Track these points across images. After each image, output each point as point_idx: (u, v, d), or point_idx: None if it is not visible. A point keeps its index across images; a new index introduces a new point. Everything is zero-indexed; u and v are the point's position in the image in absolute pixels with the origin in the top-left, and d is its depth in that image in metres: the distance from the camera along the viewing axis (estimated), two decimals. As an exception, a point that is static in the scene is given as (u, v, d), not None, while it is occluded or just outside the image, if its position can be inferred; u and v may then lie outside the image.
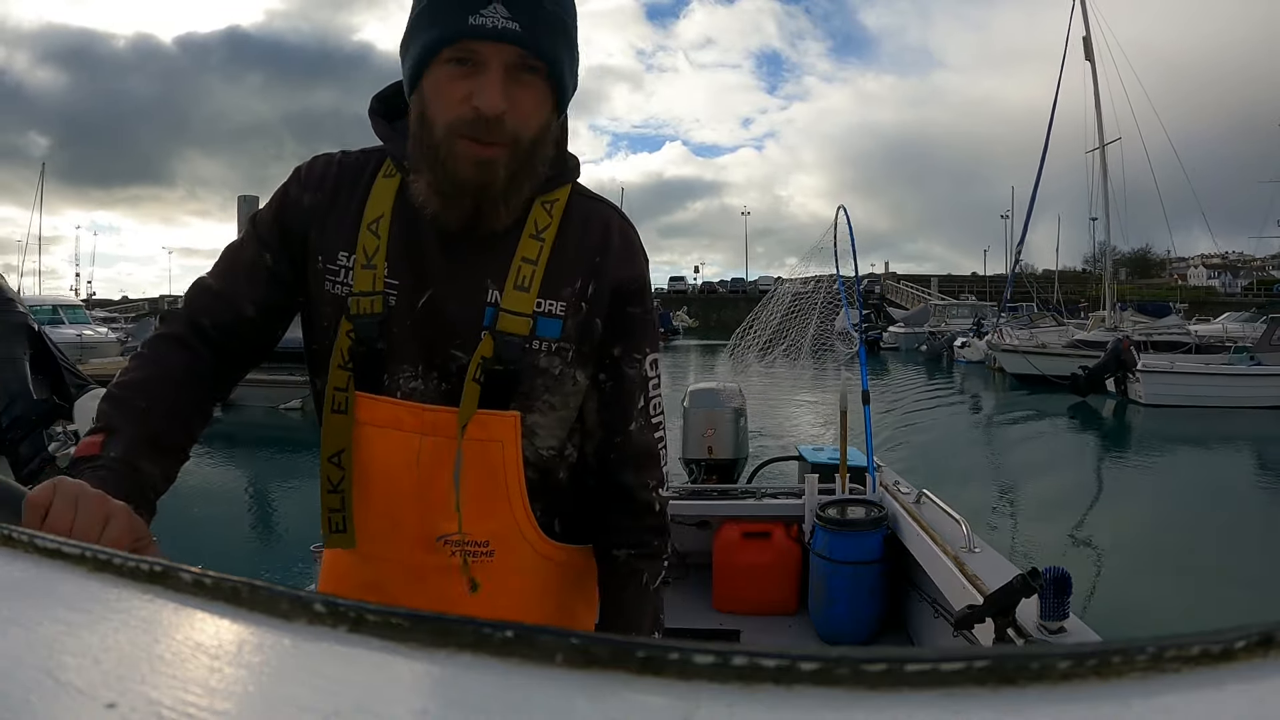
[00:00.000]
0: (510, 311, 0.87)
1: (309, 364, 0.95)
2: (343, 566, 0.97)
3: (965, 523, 2.33)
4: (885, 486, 2.97)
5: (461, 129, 0.81)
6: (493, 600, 0.89)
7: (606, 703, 0.21)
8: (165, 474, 0.81)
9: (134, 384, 0.85)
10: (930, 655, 0.21)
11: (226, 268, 0.93)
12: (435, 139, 0.82)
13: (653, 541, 0.96)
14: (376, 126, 0.92)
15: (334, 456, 0.89)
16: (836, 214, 3.55)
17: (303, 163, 0.96)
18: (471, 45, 0.79)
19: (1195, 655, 0.21)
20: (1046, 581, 1.62)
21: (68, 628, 0.26)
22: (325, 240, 0.90)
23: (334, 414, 0.89)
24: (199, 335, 0.90)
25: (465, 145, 0.81)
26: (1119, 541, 5.91)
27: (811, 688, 0.21)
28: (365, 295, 0.87)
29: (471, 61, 0.80)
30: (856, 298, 3.79)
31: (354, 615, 0.25)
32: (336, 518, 0.91)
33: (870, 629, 2.75)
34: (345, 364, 0.88)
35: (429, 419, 0.87)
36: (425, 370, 0.88)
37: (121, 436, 0.78)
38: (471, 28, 0.78)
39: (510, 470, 0.89)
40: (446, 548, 0.89)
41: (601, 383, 0.94)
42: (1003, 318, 20.01)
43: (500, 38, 0.78)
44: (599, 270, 0.91)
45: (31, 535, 0.33)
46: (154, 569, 0.29)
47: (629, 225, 0.95)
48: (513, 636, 0.23)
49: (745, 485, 3.88)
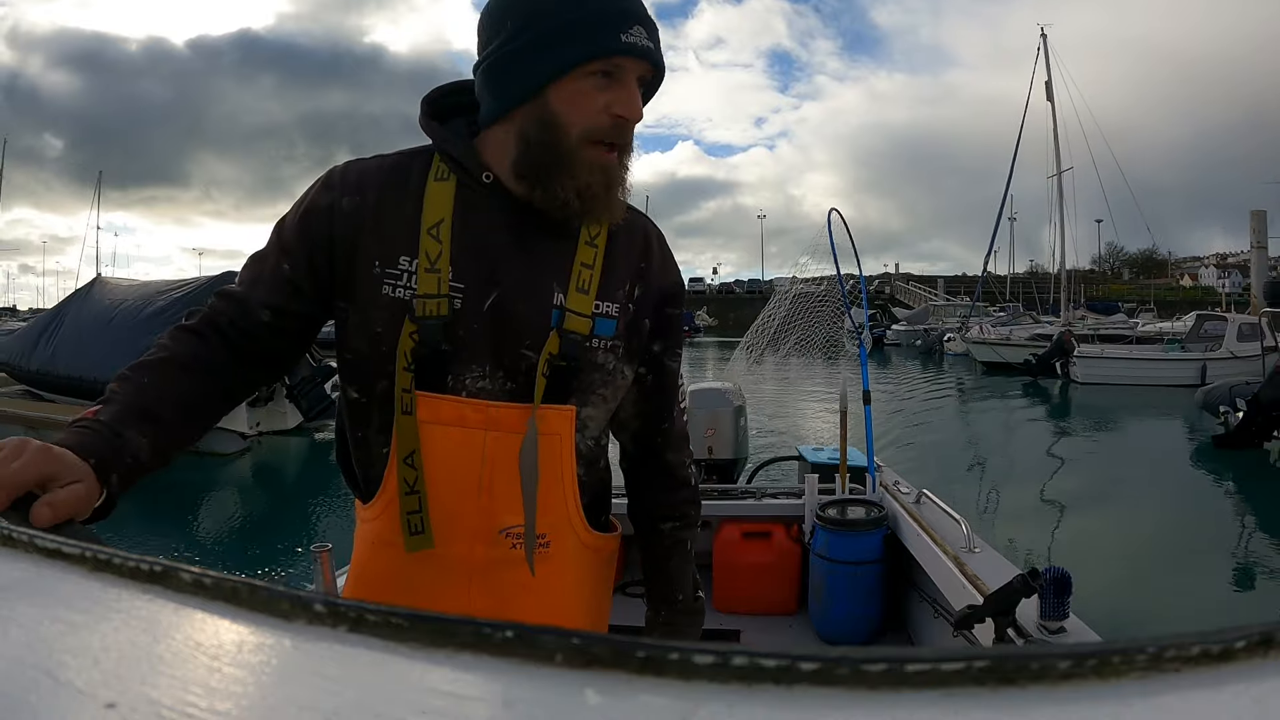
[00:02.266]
0: (574, 312, 0.92)
1: (341, 372, 0.96)
2: (382, 567, 0.96)
3: (965, 522, 2.33)
4: (885, 486, 2.97)
5: (599, 135, 0.89)
6: (547, 588, 0.94)
7: (606, 703, 0.21)
8: (155, 448, 0.79)
9: (142, 365, 0.86)
10: (930, 655, 0.21)
11: (248, 276, 0.95)
12: (568, 144, 0.89)
13: (691, 512, 1.10)
14: (430, 130, 0.95)
15: (408, 458, 0.90)
16: (829, 217, 3.54)
17: (334, 167, 0.96)
18: (621, 61, 0.88)
19: (1195, 655, 0.21)
20: (1046, 581, 1.62)
21: (68, 628, 0.26)
22: (381, 244, 0.91)
23: (403, 416, 0.90)
24: (215, 331, 0.91)
25: (596, 151, 0.89)
26: (1060, 504, 6.98)
27: (811, 688, 0.21)
28: (431, 298, 0.89)
29: (612, 75, 0.88)
30: (861, 297, 3.79)
31: (354, 615, 0.25)
32: (415, 519, 0.91)
33: (870, 629, 2.75)
34: (409, 366, 0.89)
35: (494, 415, 0.90)
36: (493, 369, 0.91)
37: (114, 405, 0.79)
38: (624, 45, 0.87)
39: (566, 463, 0.94)
40: (508, 540, 0.92)
41: (642, 376, 1.02)
42: (972, 317, 23.99)
43: (642, 55, 0.88)
44: (644, 275, 0.99)
45: (31, 535, 0.33)
46: (154, 569, 0.29)
47: (661, 234, 1.05)
48: (513, 636, 0.23)
49: (745, 485, 3.88)
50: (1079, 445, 10.26)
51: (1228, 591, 4.93)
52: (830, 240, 3.54)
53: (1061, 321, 23.73)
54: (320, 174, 0.97)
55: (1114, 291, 32.94)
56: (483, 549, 0.92)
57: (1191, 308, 30.90)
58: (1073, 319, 24.39)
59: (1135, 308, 31.12)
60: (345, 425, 0.98)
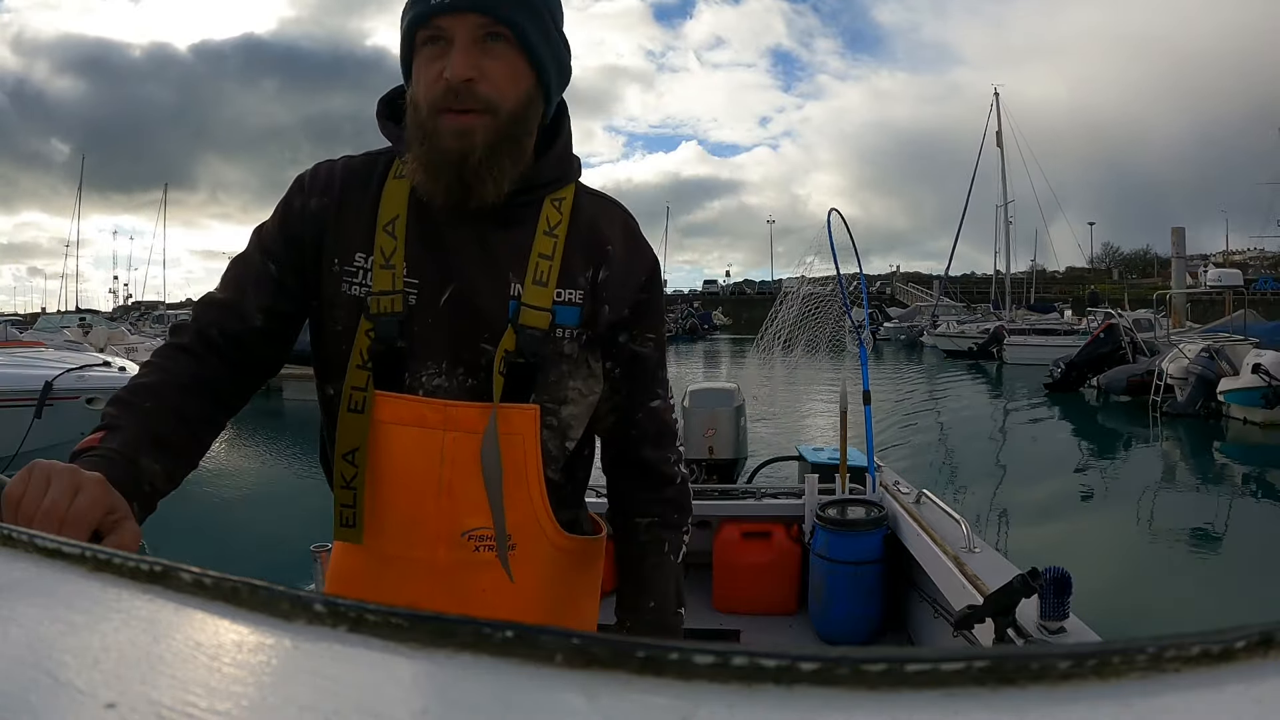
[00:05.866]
0: (531, 306, 0.90)
1: (317, 371, 0.96)
2: (352, 566, 0.97)
3: (965, 522, 2.33)
4: (885, 486, 2.97)
5: (439, 103, 0.85)
6: (515, 591, 0.91)
7: (606, 703, 0.21)
8: (167, 473, 0.80)
9: (140, 388, 0.85)
10: (930, 655, 0.21)
11: (232, 279, 0.94)
12: (422, 118, 0.86)
13: (673, 514, 1.01)
14: (384, 128, 0.94)
15: (349, 454, 0.90)
16: (829, 217, 3.54)
17: (305, 170, 0.97)
18: (438, 22, 0.85)
19: (1195, 655, 0.21)
20: (1046, 581, 1.62)
21: (68, 628, 0.26)
22: (340, 242, 0.91)
23: (350, 413, 0.90)
24: (208, 346, 0.90)
25: (446, 119, 0.85)
26: (978, 459, 9.71)
27: (811, 688, 0.21)
28: (385, 294, 0.89)
29: (444, 40, 0.85)
30: (862, 297, 3.79)
31: (354, 615, 0.25)
32: (348, 513, 0.92)
33: (870, 629, 2.75)
34: (364, 364, 0.89)
35: (452, 414, 0.89)
36: (451, 366, 0.90)
37: (122, 432, 0.79)
38: (434, 6, 0.84)
39: (530, 463, 0.92)
40: (470, 542, 0.90)
41: (609, 370, 0.97)
42: (939, 316, 32.40)
43: (461, 9, 0.84)
44: (609, 259, 0.95)
45: (31, 535, 0.33)
46: (154, 569, 0.29)
47: (632, 218, 1.01)
48: (513, 636, 0.23)
49: (745, 485, 3.87)
50: (994, 400, 16.69)
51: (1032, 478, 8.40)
52: (830, 240, 3.54)
53: (1007, 319, 30.82)
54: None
55: (1102, 290, 35.38)
56: (445, 551, 0.90)
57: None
58: (1014, 317, 31.67)
59: (1066, 307, 36.26)
60: (324, 423, 0.98)
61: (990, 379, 20.57)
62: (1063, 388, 15.08)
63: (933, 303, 39.14)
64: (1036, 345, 21.82)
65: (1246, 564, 5.49)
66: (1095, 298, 28.05)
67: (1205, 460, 9.79)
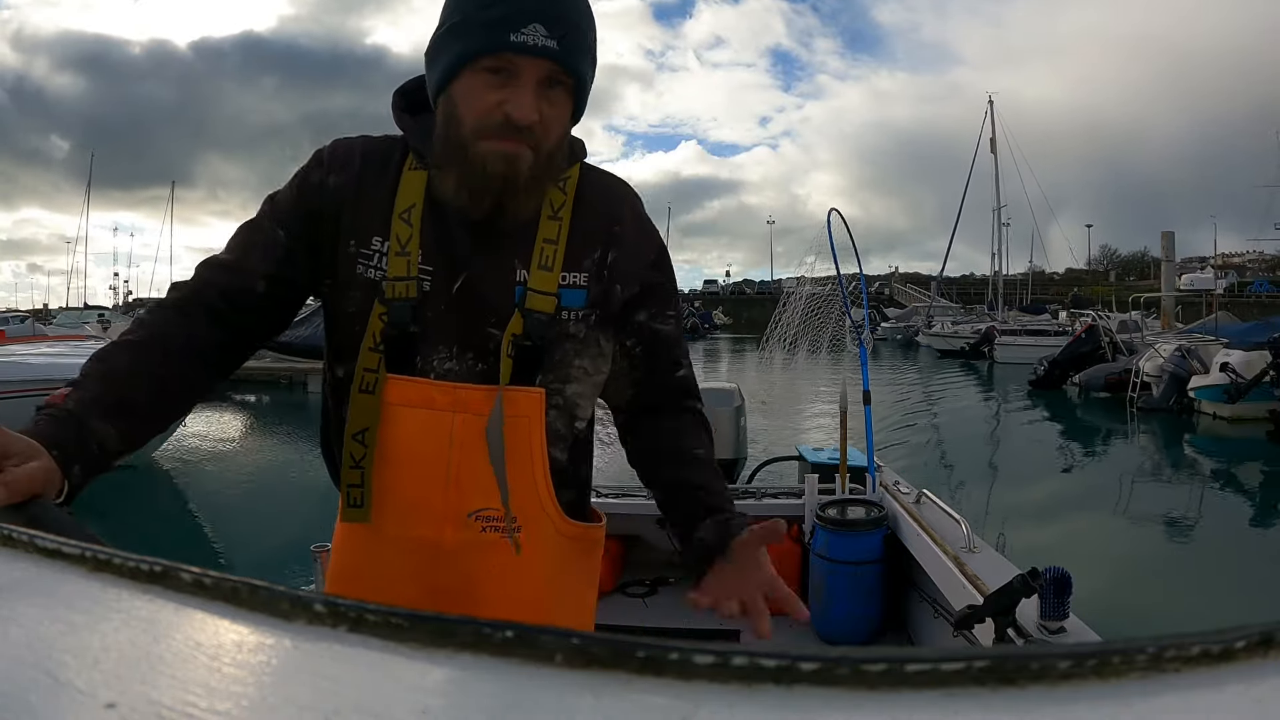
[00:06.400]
0: (536, 291, 0.91)
1: (328, 353, 0.96)
2: (357, 548, 0.97)
3: (965, 522, 2.33)
4: (885, 486, 2.97)
5: (487, 131, 0.86)
6: (519, 573, 0.93)
7: (606, 703, 0.21)
8: (122, 434, 0.78)
9: (123, 345, 0.85)
10: (930, 655, 0.21)
11: (239, 243, 0.94)
12: (463, 137, 0.87)
13: (701, 429, 1.03)
14: (399, 119, 0.95)
15: (359, 434, 0.91)
16: (829, 217, 3.54)
17: (322, 146, 0.97)
18: (512, 57, 0.84)
19: (1195, 655, 0.21)
20: (1046, 581, 1.62)
21: (68, 628, 0.26)
22: (357, 224, 0.92)
23: (361, 394, 0.91)
24: (203, 307, 0.89)
25: (490, 143, 0.86)
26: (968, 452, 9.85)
27: (811, 688, 0.21)
28: (400, 280, 0.90)
29: (507, 72, 0.85)
30: (862, 297, 3.79)
31: (354, 615, 0.25)
32: (355, 493, 0.93)
33: (870, 629, 2.74)
34: (376, 346, 0.90)
35: (461, 396, 0.90)
36: (461, 351, 0.91)
37: (83, 393, 0.78)
38: (513, 44, 0.83)
39: (535, 446, 0.93)
40: (477, 523, 0.92)
41: (630, 348, 0.99)
42: (934, 316, 33.62)
43: (539, 54, 0.84)
44: (617, 240, 0.96)
45: (31, 535, 0.33)
46: (154, 569, 0.29)
47: (637, 197, 1.01)
48: (513, 636, 0.23)
49: (745, 485, 3.87)
50: (985, 396, 17.44)
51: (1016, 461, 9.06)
52: (830, 241, 3.54)
53: (1000, 320, 31.62)
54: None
55: (1095, 292, 36.10)
56: (451, 531, 0.92)
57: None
58: (1007, 318, 32.46)
59: (1058, 309, 37.27)
60: (330, 408, 0.98)
61: (981, 377, 21.30)
62: (1045, 385, 15.83)
63: (929, 303, 39.65)
64: (1025, 345, 22.64)
65: (1229, 555, 5.63)
66: (1079, 300, 29.31)
67: (1178, 452, 10.33)
